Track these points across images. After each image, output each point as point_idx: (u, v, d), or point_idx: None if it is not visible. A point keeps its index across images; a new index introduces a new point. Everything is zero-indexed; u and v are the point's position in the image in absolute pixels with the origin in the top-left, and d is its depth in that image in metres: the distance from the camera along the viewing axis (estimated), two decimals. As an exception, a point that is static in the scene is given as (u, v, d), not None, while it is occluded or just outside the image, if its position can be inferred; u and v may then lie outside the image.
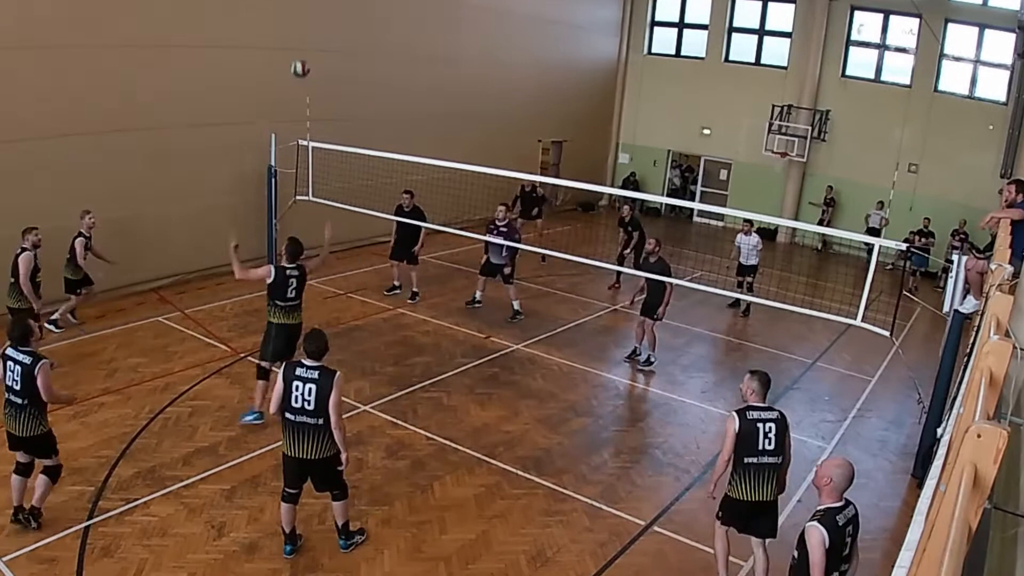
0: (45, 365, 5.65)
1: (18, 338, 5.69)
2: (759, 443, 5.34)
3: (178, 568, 5.59)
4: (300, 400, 5.45)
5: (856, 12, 19.42)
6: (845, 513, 4.21)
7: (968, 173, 17.67)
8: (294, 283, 7.76)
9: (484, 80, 17.71)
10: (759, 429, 5.36)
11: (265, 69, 12.68)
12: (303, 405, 5.46)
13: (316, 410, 5.45)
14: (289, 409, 5.50)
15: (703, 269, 14.60)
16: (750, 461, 5.36)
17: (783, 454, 5.44)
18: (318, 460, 5.59)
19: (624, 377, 10.11)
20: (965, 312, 7.53)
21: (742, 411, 5.43)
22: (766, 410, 5.45)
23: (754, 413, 5.41)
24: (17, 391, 5.66)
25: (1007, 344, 3.69)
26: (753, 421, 5.37)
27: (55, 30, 9.85)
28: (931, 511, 2.98)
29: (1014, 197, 7.16)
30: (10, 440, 5.84)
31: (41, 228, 10.12)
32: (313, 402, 5.44)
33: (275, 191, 12.78)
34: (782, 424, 5.43)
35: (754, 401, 5.49)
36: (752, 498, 5.42)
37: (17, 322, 5.91)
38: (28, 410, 5.67)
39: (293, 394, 5.47)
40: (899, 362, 9.88)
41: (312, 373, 5.48)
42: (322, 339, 5.63)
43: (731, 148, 21.38)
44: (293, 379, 5.48)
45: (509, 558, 6.07)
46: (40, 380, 5.60)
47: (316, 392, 5.43)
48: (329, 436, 5.54)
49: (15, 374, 5.65)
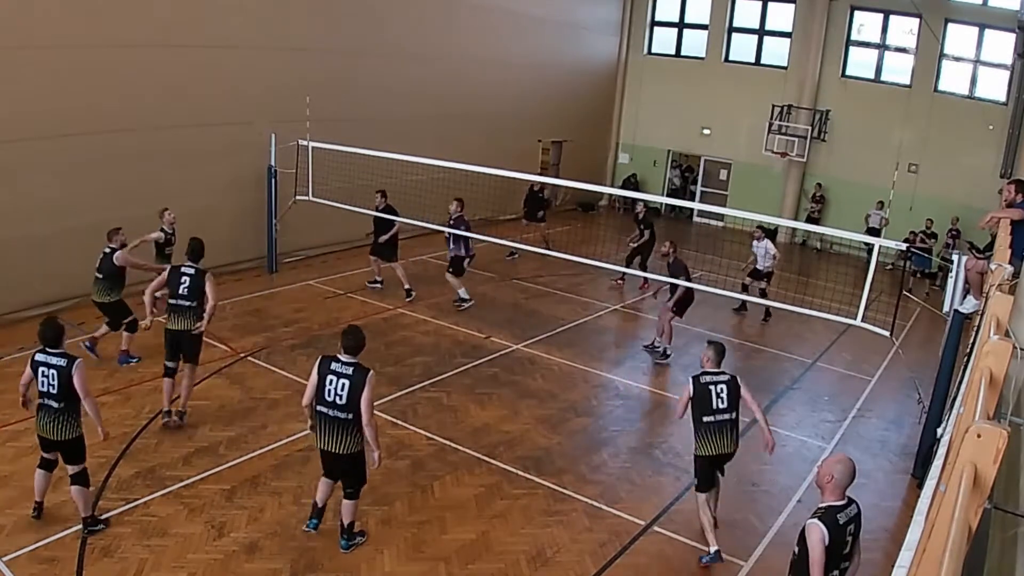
0: (81, 364, 5.61)
1: (51, 340, 5.62)
2: (712, 403, 6.07)
3: (178, 568, 5.59)
4: (332, 394, 5.58)
5: (856, 12, 19.43)
6: (847, 512, 4.20)
7: (968, 173, 17.66)
8: (187, 281, 7.49)
9: (484, 80, 17.71)
10: (711, 391, 6.08)
11: (265, 69, 12.69)
12: (335, 399, 5.57)
13: (347, 405, 5.55)
14: (322, 402, 5.62)
15: (703, 269, 14.59)
16: (708, 420, 6.09)
17: (737, 410, 6.16)
18: (345, 455, 5.71)
19: (624, 377, 10.11)
20: (965, 312, 7.53)
21: (696, 377, 6.17)
22: (718, 374, 6.18)
23: (707, 377, 6.15)
24: (53, 395, 5.58)
25: (1007, 344, 3.69)
26: (706, 384, 6.10)
27: (55, 30, 9.86)
28: (931, 511, 2.98)
29: (1014, 197, 7.16)
30: (43, 443, 5.81)
31: (42, 229, 10.18)
32: (345, 397, 5.54)
33: (275, 191, 12.79)
34: (733, 384, 6.15)
35: (709, 368, 6.19)
36: (715, 452, 6.15)
37: (48, 324, 5.75)
38: (65, 413, 5.64)
39: (326, 388, 5.58)
40: (899, 362, 9.88)
41: (347, 369, 5.59)
42: (359, 335, 5.73)
43: (731, 148, 21.38)
44: (328, 373, 5.60)
45: (509, 558, 6.07)
46: (77, 380, 5.54)
47: (348, 388, 5.54)
48: (357, 432, 5.64)
49: (50, 378, 5.57)
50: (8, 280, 9.87)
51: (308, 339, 10.30)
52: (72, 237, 10.46)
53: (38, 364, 5.64)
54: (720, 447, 6.13)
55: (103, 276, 8.73)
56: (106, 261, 8.68)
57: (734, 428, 6.18)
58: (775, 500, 7.29)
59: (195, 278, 7.50)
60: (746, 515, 6.99)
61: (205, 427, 7.71)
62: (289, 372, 9.17)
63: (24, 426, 7.36)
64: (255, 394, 8.57)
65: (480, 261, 14.70)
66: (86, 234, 10.58)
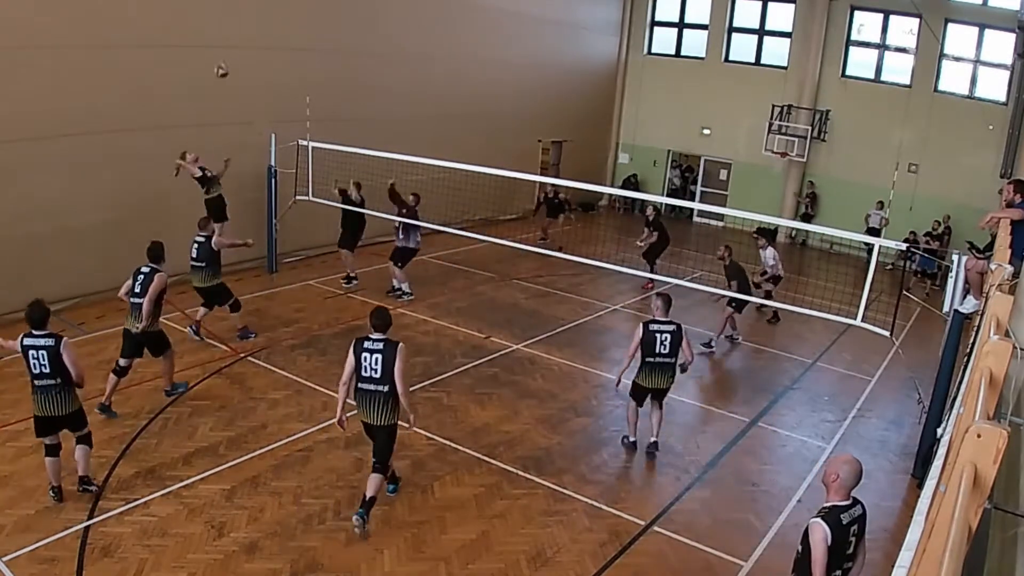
0: (68, 341, 5.97)
1: (37, 321, 5.94)
2: (656, 347, 7.26)
3: (178, 568, 5.59)
4: (368, 369, 6.05)
5: (856, 12, 19.43)
6: (851, 512, 4.18)
7: (968, 173, 17.67)
8: (141, 278, 7.94)
9: (484, 80, 17.71)
10: (657, 338, 7.25)
11: (265, 69, 12.68)
12: (371, 374, 6.05)
13: (382, 378, 6.03)
14: (361, 379, 6.08)
15: (703, 269, 14.60)
16: (651, 360, 7.33)
17: (676, 355, 7.38)
18: (381, 427, 6.16)
19: (624, 377, 10.07)
20: (965, 312, 7.53)
21: (647, 323, 7.27)
22: (666, 323, 7.30)
23: (655, 325, 7.25)
24: (47, 373, 5.92)
25: (1007, 344, 3.68)
26: (654, 332, 7.24)
27: (55, 30, 9.86)
28: (931, 511, 2.98)
29: (1013, 197, 7.16)
30: (42, 425, 6.09)
31: (43, 228, 10.18)
32: (380, 370, 6.02)
33: (275, 191, 12.79)
34: (677, 334, 7.35)
35: (658, 316, 7.26)
36: (652, 386, 7.58)
37: (35, 306, 6.02)
38: (63, 388, 6.00)
39: (363, 364, 6.06)
40: (899, 362, 9.88)
41: (378, 344, 6.08)
42: (386, 314, 6.25)
43: (731, 148, 21.39)
44: (362, 351, 6.08)
45: (509, 558, 6.07)
46: (67, 356, 5.90)
47: (382, 361, 6.02)
48: (393, 404, 6.11)
49: (40, 359, 5.88)
50: (8, 280, 9.87)
51: (308, 339, 10.30)
52: (72, 237, 10.47)
53: (27, 348, 5.93)
54: (657, 383, 7.47)
55: (204, 263, 9.49)
56: (203, 248, 9.46)
57: (671, 369, 7.46)
58: (775, 500, 7.29)
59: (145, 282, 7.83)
60: (746, 515, 6.99)
61: (205, 427, 7.72)
62: (289, 372, 9.18)
63: (24, 426, 7.36)
64: (255, 394, 8.57)
65: (480, 261, 14.74)
66: (86, 234, 10.63)
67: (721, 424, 8.99)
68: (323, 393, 8.65)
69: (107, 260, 10.85)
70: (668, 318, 7.32)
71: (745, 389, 10.15)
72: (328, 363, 9.50)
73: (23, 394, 7.98)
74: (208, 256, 9.48)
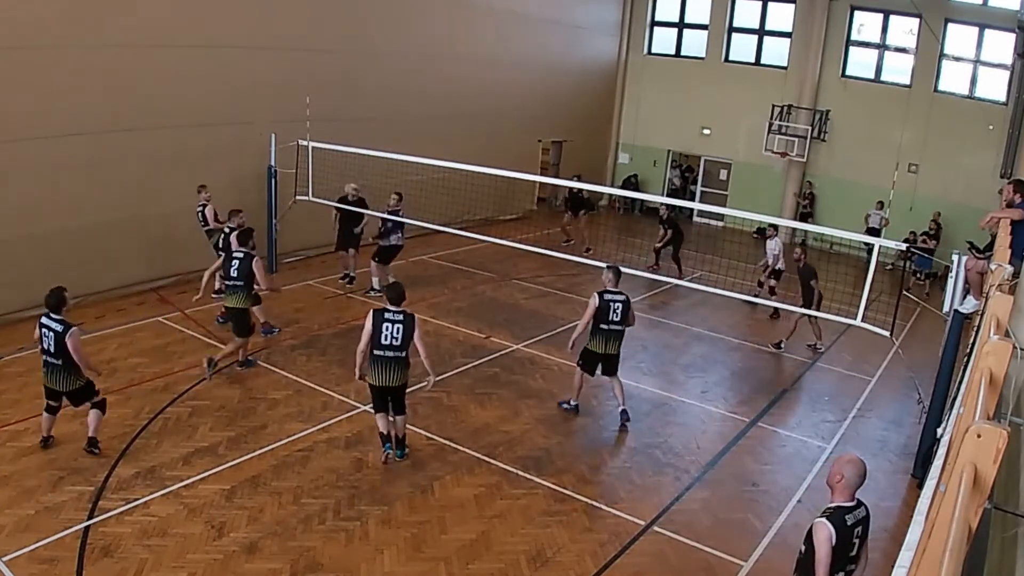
0: (75, 332, 6.47)
1: (53, 306, 6.51)
2: (609, 315, 7.87)
3: (178, 568, 5.59)
4: (389, 338, 6.81)
5: (856, 12, 19.42)
6: (855, 513, 4.17)
7: (968, 173, 17.67)
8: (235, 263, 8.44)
9: (484, 80, 17.72)
10: (611, 306, 7.84)
11: (265, 69, 12.69)
12: (391, 342, 6.81)
13: (401, 345, 6.84)
14: (378, 346, 6.81)
15: (703, 269, 14.61)
16: (603, 327, 7.90)
17: (626, 323, 8.04)
18: (398, 387, 7.01)
19: (624, 377, 10.04)
20: (965, 312, 7.53)
21: (601, 293, 7.83)
22: (618, 293, 7.90)
23: (608, 295, 7.88)
24: (52, 353, 6.51)
25: (1007, 344, 3.69)
26: (608, 301, 7.84)
27: (54, 30, 9.86)
28: (931, 511, 2.98)
29: (1013, 197, 7.16)
30: (47, 391, 6.73)
31: (41, 229, 10.19)
32: (400, 339, 6.81)
33: (275, 191, 12.79)
34: (627, 304, 8.02)
35: (610, 287, 7.86)
36: (603, 352, 8.07)
37: (53, 292, 6.61)
38: (65, 369, 6.56)
39: (383, 334, 6.79)
40: (899, 362, 9.88)
41: (398, 316, 6.86)
42: (401, 288, 7.07)
43: (731, 148, 21.38)
44: (383, 321, 6.82)
45: (509, 558, 6.07)
46: (71, 345, 6.42)
47: (402, 331, 6.82)
48: (406, 367, 6.96)
49: (49, 339, 6.47)
50: (8, 280, 9.88)
51: (308, 339, 10.30)
52: (72, 237, 10.48)
53: (42, 326, 6.54)
54: (608, 348, 8.04)
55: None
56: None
57: (621, 336, 8.12)
58: (775, 500, 7.29)
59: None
60: (746, 515, 6.99)
61: (205, 427, 7.72)
62: (289, 372, 9.18)
63: (24, 426, 7.38)
64: (255, 394, 8.57)
65: (480, 261, 14.73)
66: (86, 234, 10.62)
67: (721, 424, 8.99)
68: (323, 393, 8.65)
69: (107, 260, 10.87)
70: (618, 289, 7.98)
71: (745, 389, 10.15)
72: (328, 363, 9.50)
73: (23, 394, 8.04)
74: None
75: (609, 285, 7.88)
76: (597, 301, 7.83)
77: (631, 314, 8.17)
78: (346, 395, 8.67)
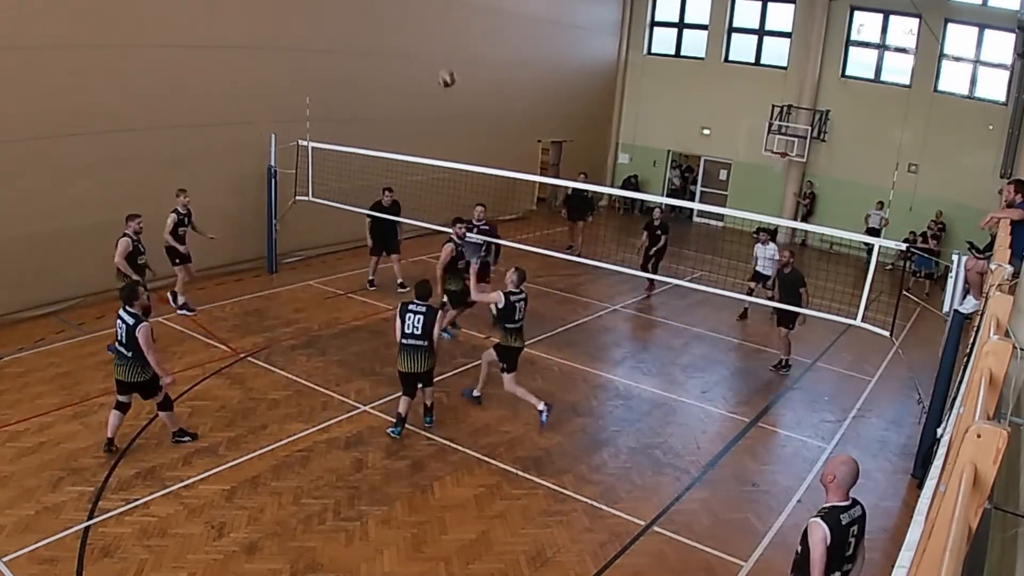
0: (144, 328, 6.77)
1: (125, 299, 6.91)
2: (516, 314, 8.27)
3: (178, 568, 5.59)
4: (411, 327, 7.52)
5: (856, 12, 19.42)
6: (851, 513, 4.18)
7: (968, 173, 17.67)
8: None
9: (484, 80, 17.69)
10: (517, 306, 8.27)
11: (265, 69, 12.69)
12: (413, 331, 7.52)
13: (423, 335, 7.53)
14: (404, 335, 7.55)
15: (703, 269, 14.61)
16: (510, 326, 8.29)
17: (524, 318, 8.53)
18: (424, 372, 7.75)
19: (624, 377, 10.11)
20: (965, 312, 7.53)
21: (507, 294, 8.19)
22: (519, 293, 8.33)
23: (513, 296, 8.26)
24: (124, 344, 6.83)
25: (1007, 344, 3.68)
26: (513, 301, 8.22)
27: (55, 30, 9.85)
28: (931, 511, 2.98)
29: (1013, 197, 7.16)
30: (118, 385, 6.99)
31: (41, 229, 10.19)
32: (421, 329, 7.51)
33: (275, 191, 12.79)
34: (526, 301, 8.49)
35: (513, 288, 8.25)
36: (519, 345, 8.48)
37: (126, 285, 7.14)
38: (133, 362, 6.84)
39: (407, 323, 7.51)
40: (899, 362, 9.88)
41: (420, 308, 7.54)
42: (429, 285, 7.73)
43: (731, 148, 21.38)
44: (407, 313, 7.53)
45: (509, 558, 6.07)
46: (141, 339, 6.71)
47: (423, 321, 7.51)
48: (430, 354, 7.67)
49: (122, 331, 6.82)
50: (8, 280, 9.88)
51: (308, 339, 10.30)
52: (72, 237, 10.47)
53: (118, 317, 6.86)
54: (520, 342, 8.48)
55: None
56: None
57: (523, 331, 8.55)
58: (775, 500, 7.29)
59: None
60: (746, 515, 7.00)
61: (205, 427, 7.71)
62: (289, 372, 9.17)
63: (24, 426, 7.39)
64: (255, 394, 8.57)
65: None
66: (86, 234, 10.61)
67: (721, 424, 8.99)
68: (323, 393, 8.65)
69: (107, 260, 10.83)
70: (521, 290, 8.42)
71: (745, 389, 10.15)
72: (328, 363, 9.50)
73: (23, 394, 8.06)
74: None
75: (512, 287, 8.27)
76: (504, 302, 8.23)
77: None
78: (346, 395, 8.67)
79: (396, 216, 12.09)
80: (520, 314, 8.35)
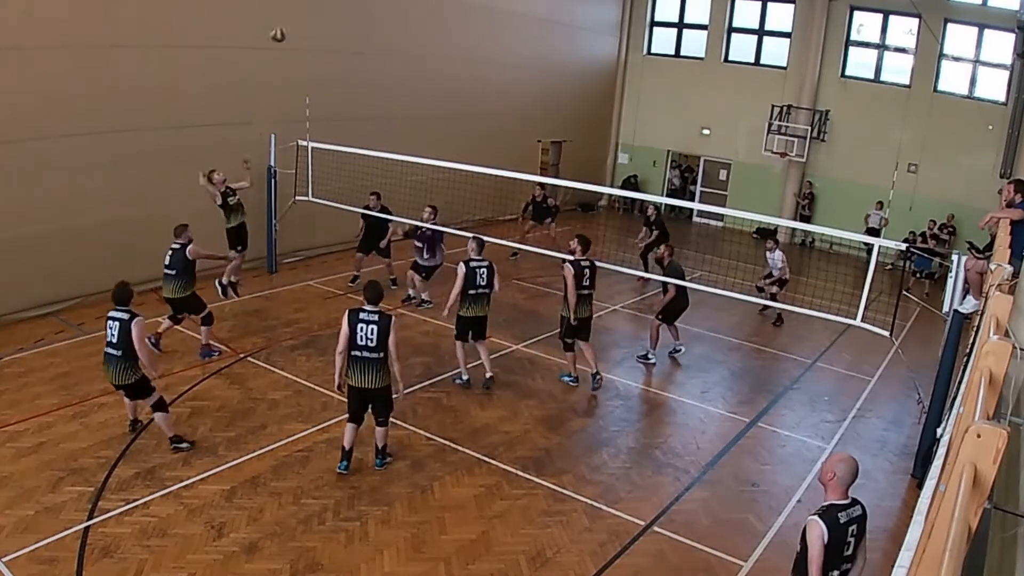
0: (140, 320, 6.71)
1: (120, 299, 6.76)
2: (476, 280, 8.61)
3: (178, 568, 5.59)
4: (364, 339, 6.63)
5: (855, 12, 19.42)
6: (849, 512, 4.17)
7: (968, 173, 17.67)
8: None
9: (484, 80, 17.71)
10: (477, 272, 8.57)
11: (265, 69, 12.68)
12: (366, 343, 6.63)
13: (377, 346, 6.64)
14: (355, 347, 6.66)
15: (703, 269, 14.60)
16: (472, 292, 8.60)
17: (491, 287, 8.82)
18: (377, 389, 6.80)
19: (624, 377, 10.11)
20: (965, 312, 7.53)
21: (467, 262, 8.48)
22: (481, 260, 8.63)
23: (473, 263, 8.55)
24: (114, 344, 6.70)
25: (1007, 344, 3.69)
26: (473, 268, 8.58)
27: (55, 30, 9.85)
28: (931, 511, 2.98)
29: (1013, 197, 7.16)
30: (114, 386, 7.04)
31: (44, 229, 10.19)
32: (375, 340, 6.62)
33: (275, 191, 12.79)
34: (490, 268, 8.77)
35: (474, 256, 8.61)
36: (474, 315, 8.75)
37: (119, 286, 6.87)
38: (121, 361, 6.72)
39: (358, 334, 6.63)
40: (899, 362, 9.88)
41: (373, 316, 6.67)
42: (379, 288, 6.87)
43: (730, 148, 21.38)
44: (357, 322, 6.65)
45: (509, 558, 6.07)
46: (135, 332, 6.62)
47: (377, 332, 6.63)
48: (386, 369, 6.75)
49: (113, 329, 6.68)
50: (8, 280, 9.87)
51: (308, 339, 10.30)
52: (73, 237, 10.48)
53: (108, 319, 6.76)
54: (478, 311, 8.74)
55: (175, 272, 8.87)
56: (177, 256, 8.82)
57: (488, 299, 8.86)
58: (775, 500, 7.29)
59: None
60: (746, 515, 7.00)
61: (205, 427, 7.72)
62: (289, 372, 9.18)
63: (24, 426, 7.39)
64: (255, 394, 8.57)
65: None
66: (87, 234, 10.63)
67: (721, 424, 8.99)
68: (323, 393, 8.65)
69: (107, 260, 10.85)
70: (481, 257, 8.65)
71: (745, 389, 10.15)
72: (328, 363, 9.46)
73: (23, 394, 8.05)
74: (182, 265, 8.83)
75: (473, 254, 8.58)
76: (465, 270, 8.46)
77: (497, 279, 8.93)
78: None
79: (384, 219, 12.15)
80: (482, 280, 8.66)
